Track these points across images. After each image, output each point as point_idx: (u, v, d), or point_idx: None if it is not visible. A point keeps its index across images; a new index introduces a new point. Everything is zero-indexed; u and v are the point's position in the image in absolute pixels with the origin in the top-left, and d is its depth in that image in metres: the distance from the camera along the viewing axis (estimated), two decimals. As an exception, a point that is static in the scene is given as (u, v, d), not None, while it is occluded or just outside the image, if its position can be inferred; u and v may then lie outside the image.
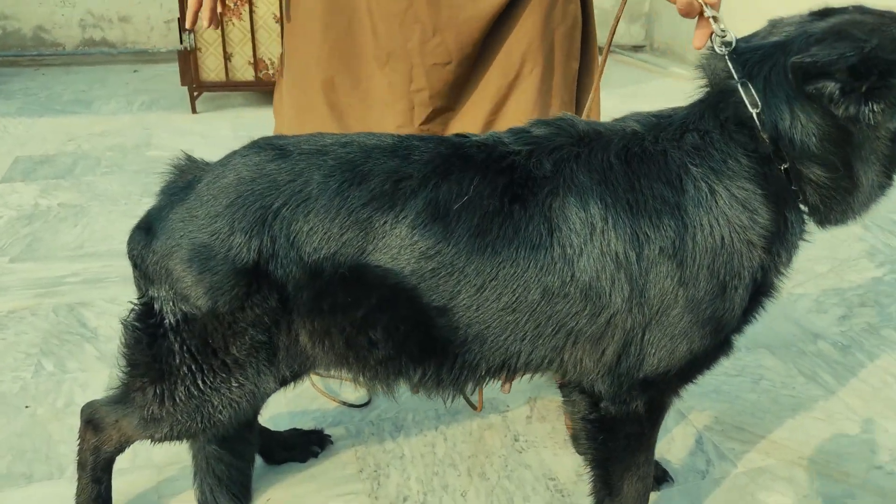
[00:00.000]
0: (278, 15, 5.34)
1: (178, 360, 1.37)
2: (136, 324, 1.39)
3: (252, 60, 5.48)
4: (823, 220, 1.36)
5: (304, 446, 1.97)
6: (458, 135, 1.43)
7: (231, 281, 1.32)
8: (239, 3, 5.30)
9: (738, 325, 1.42)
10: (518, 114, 1.76)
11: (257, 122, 5.19)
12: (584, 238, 1.31)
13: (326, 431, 2.05)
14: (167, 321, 1.35)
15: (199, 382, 1.38)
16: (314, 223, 1.31)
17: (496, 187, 1.32)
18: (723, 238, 1.31)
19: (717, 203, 1.31)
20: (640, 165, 1.34)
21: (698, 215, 1.31)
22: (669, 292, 1.34)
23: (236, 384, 1.40)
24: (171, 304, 1.33)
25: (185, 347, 1.36)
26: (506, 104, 1.80)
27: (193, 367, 1.37)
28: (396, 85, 1.83)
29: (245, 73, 5.54)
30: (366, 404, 2.22)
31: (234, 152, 1.42)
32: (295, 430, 2.02)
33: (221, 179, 1.35)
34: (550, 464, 2.01)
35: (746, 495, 1.95)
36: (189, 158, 1.49)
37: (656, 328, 1.37)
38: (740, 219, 1.31)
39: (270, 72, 5.52)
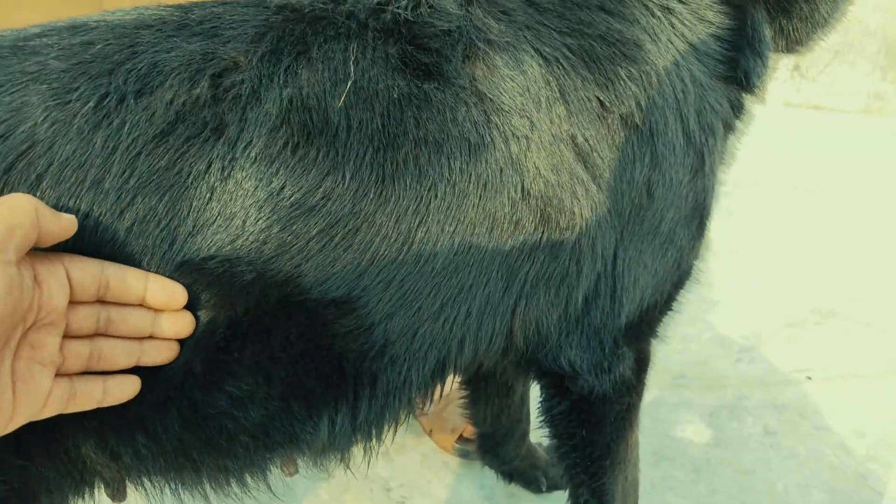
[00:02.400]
0: None
1: None
2: None
3: None
4: (784, 32, 1.09)
5: None
6: None
7: None
8: None
9: None
10: None
11: None
12: (530, 119, 0.85)
13: None
14: None
15: None
16: (55, 200, 0.64)
17: (389, 58, 0.79)
18: (693, 78, 0.97)
19: (673, 26, 0.96)
20: None
21: (658, 53, 0.94)
22: (641, 183, 0.95)
23: None
24: None
25: None
26: None
27: None
28: None
29: None
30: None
31: None
32: None
33: None
34: (452, 501, 1.53)
35: (663, 437, 1.73)
36: None
37: (631, 244, 0.98)
38: (704, 41, 0.98)
39: None
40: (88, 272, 0.62)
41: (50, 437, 0.70)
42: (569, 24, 0.89)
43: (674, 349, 2.08)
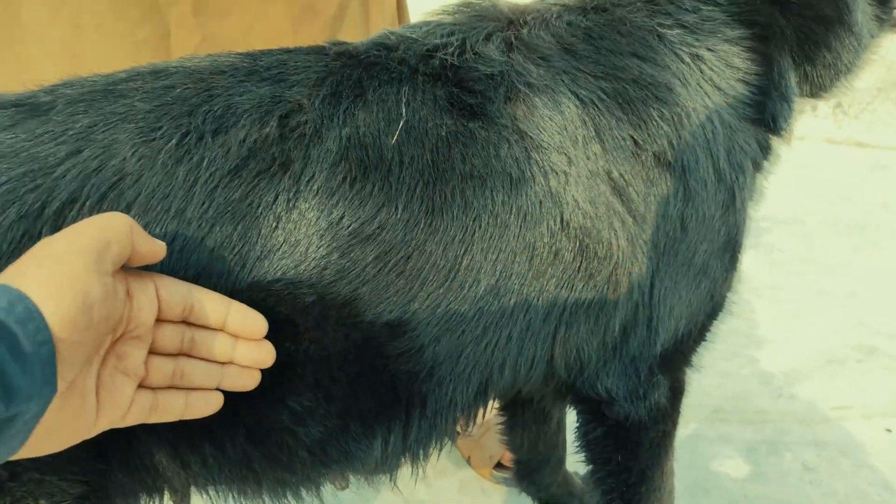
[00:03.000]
0: None
1: None
2: None
3: None
4: (809, 78, 1.15)
5: None
6: (333, 42, 0.93)
7: None
8: None
9: None
10: None
11: None
12: (568, 155, 0.92)
13: None
14: None
15: None
16: (143, 226, 0.72)
17: (437, 100, 0.87)
18: (722, 120, 1.03)
19: (702, 72, 1.02)
20: (601, 41, 0.99)
21: (688, 95, 1.01)
22: (675, 217, 1.01)
23: None
24: None
25: None
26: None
27: None
28: None
29: None
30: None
31: None
32: None
33: None
34: (488, 526, 1.57)
35: (701, 471, 1.74)
36: None
37: (667, 275, 1.03)
38: (732, 86, 1.04)
39: None
40: (176, 292, 0.67)
41: (128, 445, 0.77)
42: (603, 68, 0.96)
43: (713, 383, 2.10)
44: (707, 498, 1.67)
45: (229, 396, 0.79)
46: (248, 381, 0.74)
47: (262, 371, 0.80)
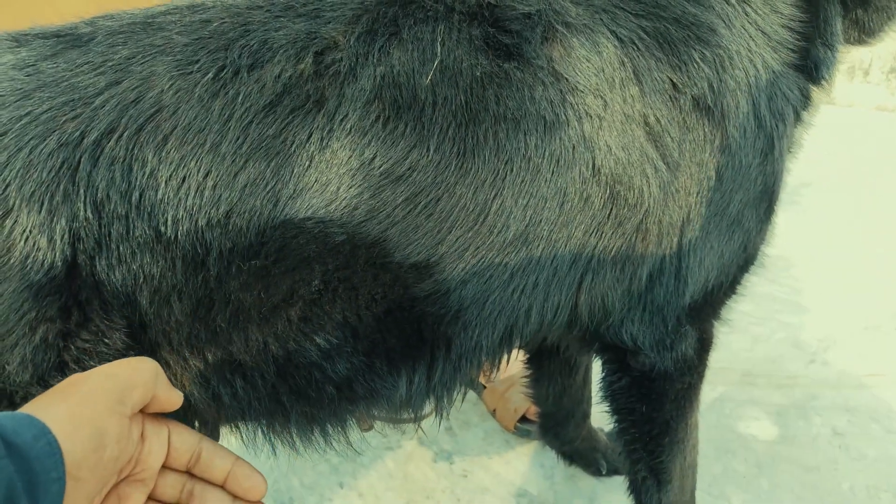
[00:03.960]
0: None
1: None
2: None
3: None
4: (859, 23, 1.14)
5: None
6: None
7: (24, 318, 0.71)
8: None
9: None
10: None
11: None
12: (603, 99, 0.93)
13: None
14: None
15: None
16: (178, 160, 0.75)
17: (473, 39, 0.88)
18: (765, 64, 1.02)
19: (747, 14, 1.01)
20: None
21: (731, 37, 1.00)
22: (710, 165, 1.01)
23: None
24: None
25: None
26: None
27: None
28: None
29: None
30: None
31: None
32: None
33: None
34: (511, 478, 1.61)
35: (727, 432, 1.77)
36: None
37: (698, 224, 1.04)
38: (777, 31, 1.03)
39: None
40: (187, 440, 0.68)
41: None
42: (644, 7, 0.96)
43: (744, 347, 2.10)
44: (732, 458, 1.69)
45: (260, 326, 0.82)
46: None
47: (294, 304, 0.83)
